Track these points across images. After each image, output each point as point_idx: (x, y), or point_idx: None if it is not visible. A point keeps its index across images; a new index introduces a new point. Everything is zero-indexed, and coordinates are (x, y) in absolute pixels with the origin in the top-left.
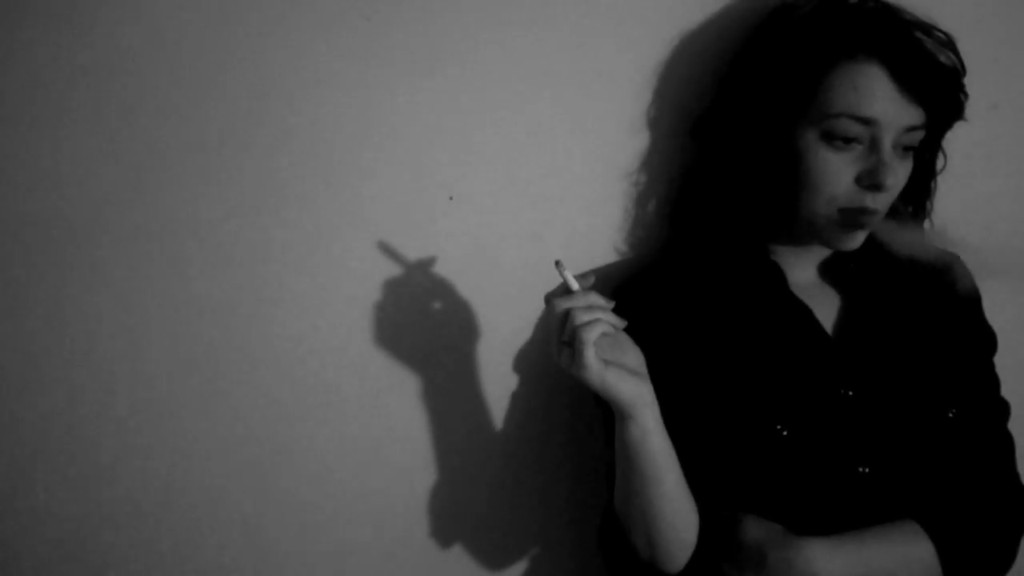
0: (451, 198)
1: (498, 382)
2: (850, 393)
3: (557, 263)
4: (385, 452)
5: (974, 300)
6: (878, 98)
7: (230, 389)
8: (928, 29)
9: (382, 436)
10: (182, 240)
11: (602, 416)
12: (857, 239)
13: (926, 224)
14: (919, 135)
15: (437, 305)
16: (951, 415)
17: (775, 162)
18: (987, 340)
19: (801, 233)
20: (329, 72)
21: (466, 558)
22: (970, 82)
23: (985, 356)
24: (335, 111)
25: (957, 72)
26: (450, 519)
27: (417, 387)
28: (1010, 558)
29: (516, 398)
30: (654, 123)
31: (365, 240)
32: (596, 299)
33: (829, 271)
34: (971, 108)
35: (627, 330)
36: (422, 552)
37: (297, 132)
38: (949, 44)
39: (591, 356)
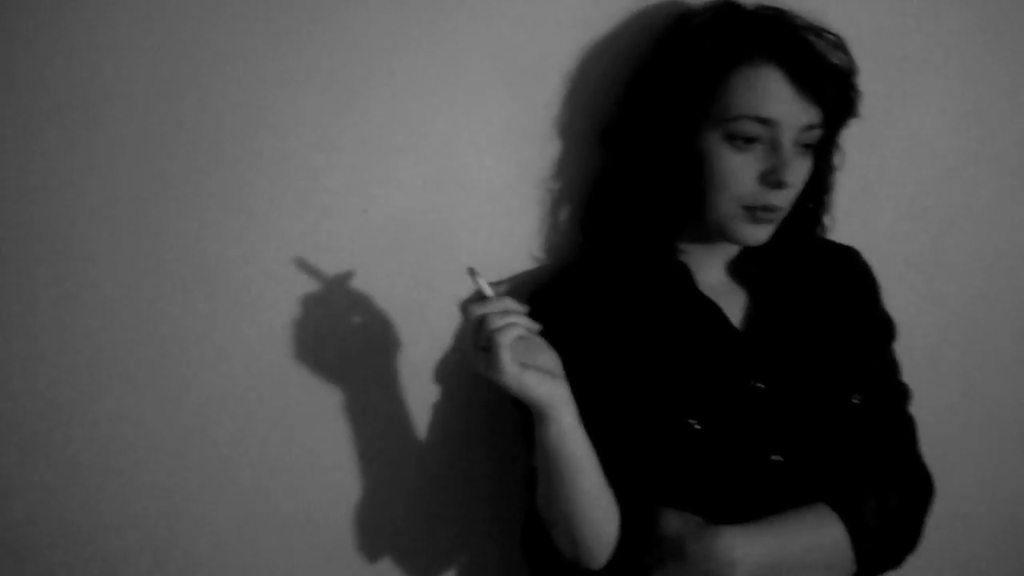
0: (365, 211)
1: (419, 393)
2: (760, 385)
3: (471, 270)
4: (308, 469)
5: (872, 290)
6: (776, 99)
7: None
8: (820, 32)
9: (305, 452)
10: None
11: (521, 421)
12: (764, 233)
13: (827, 218)
14: (817, 133)
15: (356, 320)
16: (855, 401)
17: (682, 164)
18: (886, 327)
19: (710, 232)
20: (241, 91)
21: (395, 570)
22: (862, 80)
23: (884, 343)
24: (247, 129)
25: (849, 71)
26: (377, 533)
27: (339, 402)
28: (916, 536)
29: (437, 408)
30: (565, 131)
31: (281, 257)
32: (510, 304)
33: (736, 270)
34: (865, 105)
35: (543, 334)
36: (350, 566)
37: (210, 150)
38: (840, 45)
39: (507, 359)
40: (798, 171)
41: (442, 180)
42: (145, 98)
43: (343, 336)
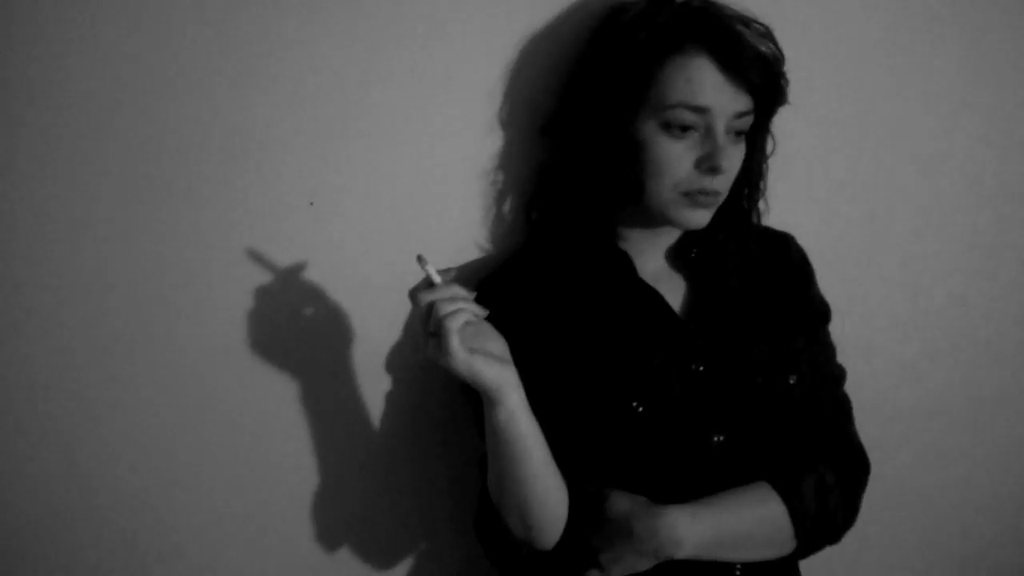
0: (312, 203)
1: (372, 383)
2: (700, 368)
3: (419, 258)
4: (262, 459)
5: (807, 275)
6: (708, 88)
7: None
8: (748, 22)
9: (258, 443)
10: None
11: (471, 407)
12: (703, 217)
13: (762, 204)
14: (748, 120)
15: (308, 311)
16: (792, 382)
17: (621, 153)
18: (820, 311)
19: (650, 218)
20: (188, 80)
21: (354, 559)
22: (790, 68)
23: (819, 326)
24: (195, 118)
25: (777, 60)
26: (334, 521)
27: (292, 393)
28: (854, 513)
29: (390, 397)
30: (507, 123)
31: (232, 249)
32: (458, 290)
33: (675, 257)
34: (794, 93)
35: (491, 320)
36: (308, 556)
37: (159, 139)
38: (768, 35)
39: (456, 344)
40: (732, 157)
41: (388, 172)
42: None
43: (295, 327)
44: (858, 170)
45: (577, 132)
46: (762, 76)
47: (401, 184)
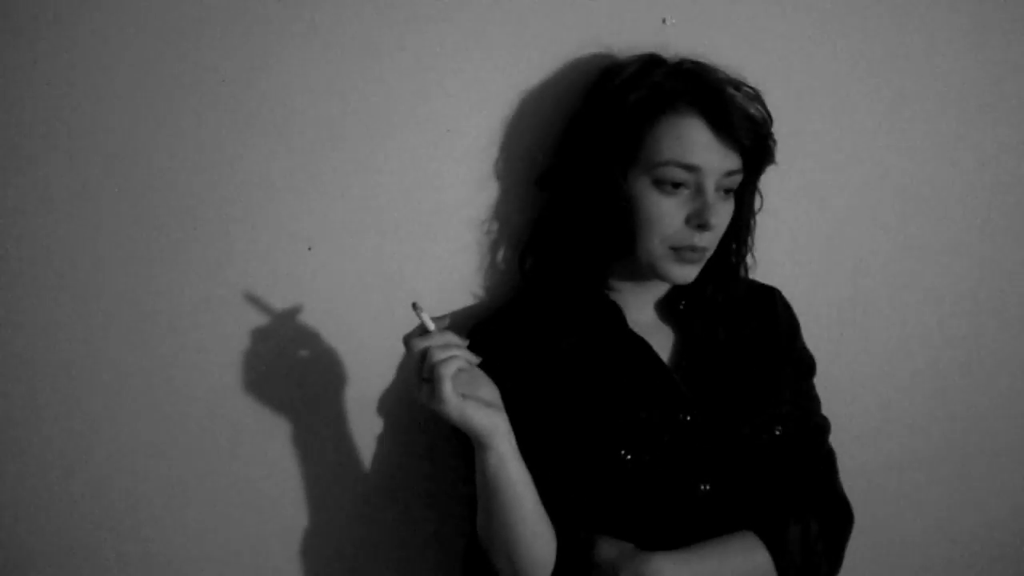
0: (310, 248)
1: (364, 425)
2: (688, 418)
3: (414, 305)
4: (253, 498)
5: (792, 328)
6: (699, 147)
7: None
8: (738, 85)
9: (248, 483)
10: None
11: (461, 450)
12: (690, 272)
13: (749, 258)
14: (738, 178)
15: (303, 353)
16: (777, 432)
17: (613, 208)
18: (806, 364)
19: (640, 271)
20: (187, 126)
21: None
22: (778, 130)
23: (804, 378)
24: (193, 166)
25: (765, 121)
26: (323, 562)
27: (286, 433)
28: (837, 562)
29: (381, 440)
30: (503, 175)
31: (230, 290)
32: (451, 338)
33: (664, 309)
34: (782, 152)
35: (483, 367)
36: None
37: (164, 184)
38: (757, 98)
39: (448, 390)
40: (721, 214)
41: (386, 219)
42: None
43: (291, 368)
44: (843, 226)
45: (571, 186)
46: (751, 137)
47: (398, 231)
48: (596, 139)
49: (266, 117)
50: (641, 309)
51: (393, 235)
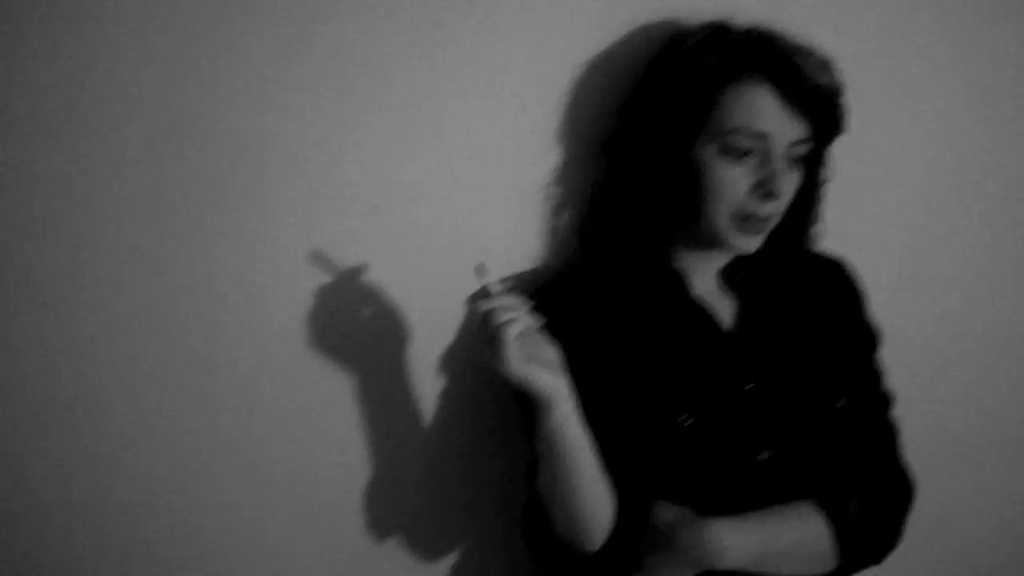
0: (375, 208)
1: (425, 382)
2: (749, 386)
3: (479, 267)
4: (320, 453)
5: (858, 300)
6: (768, 115)
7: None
8: (808, 53)
9: (316, 437)
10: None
11: (521, 411)
12: (755, 241)
13: (816, 229)
14: (806, 147)
15: (367, 311)
16: (840, 404)
17: (678, 176)
18: (871, 336)
19: (703, 239)
20: (260, 90)
21: (401, 551)
22: (850, 98)
23: (869, 350)
24: (262, 127)
25: (836, 90)
26: (382, 515)
27: (350, 391)
28: (896, 536)
29: (444, 397)
30: (567, 139)
31: (295, 250)
32: (515, 300)
33: (727, 277)
34: (853, 121)
35: (544, 330)
36: (357, 548)
37: (224, 147)
38: (828, 65)
39: (511, 352)
40: (788, 182)
41: (450, 182)
42: (156, 95)
43: (354, 328)
44: (913, 197)
45: (635, 152)
46: (821, 106)
47: (462, 194)
48: (662, 106)
49: (334, 78)
50: (704, 277)
51: (457, 197)
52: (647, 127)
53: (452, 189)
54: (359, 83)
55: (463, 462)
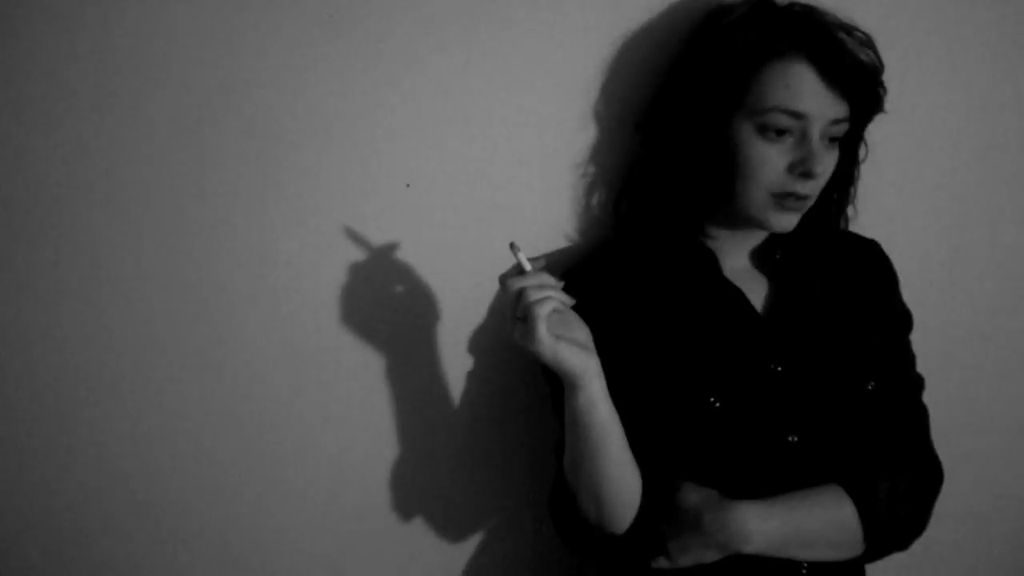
0: (408, 185)
1: (455, 360)
2: (779, 368)
3: (512, 245)
4: (349, 429)
5: (891, 282)
6: (807, 94)
7: (205, 374)
8: (850, 30)
9: (345, 414)
10: (165, 238)
11: (551, 391)
12: (791, 221)
13: (850, 209)
14: (844, 127)
15: (399, 288)
16: (870, 387)
17: (714, 153)
18: (903, 319)
19: (738, 218)
20: (290, 68)
21: (427, 530)
22: (888, 78)
23: (901, 334)
24: (296, 105)
25: (876, 69)
26: (411, 493)
27: (380, 367)
28: (924, 521)
29: (472, 377)
30: (601, 118)
31: (327, 227)
32: (547, 279)
33: (760, 257)
34: (891, 101)
35: (576, 309)
36: (386, 524)
37: (261, 125)
38: (868, 43)
39: (543, 330)
40: (826, 162)
41: (483, 159)
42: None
43: (386, 304)
44: (949, 180)
45: (671, 130)
46: (860, 85)
47: (495, 172)
48: (699, 83)
49: (368, 55)
50: (737, 257)
51: (490, 175)
52: (684, 104)
53: (485, 166)
54: (392, 60)
55: (493, 442)
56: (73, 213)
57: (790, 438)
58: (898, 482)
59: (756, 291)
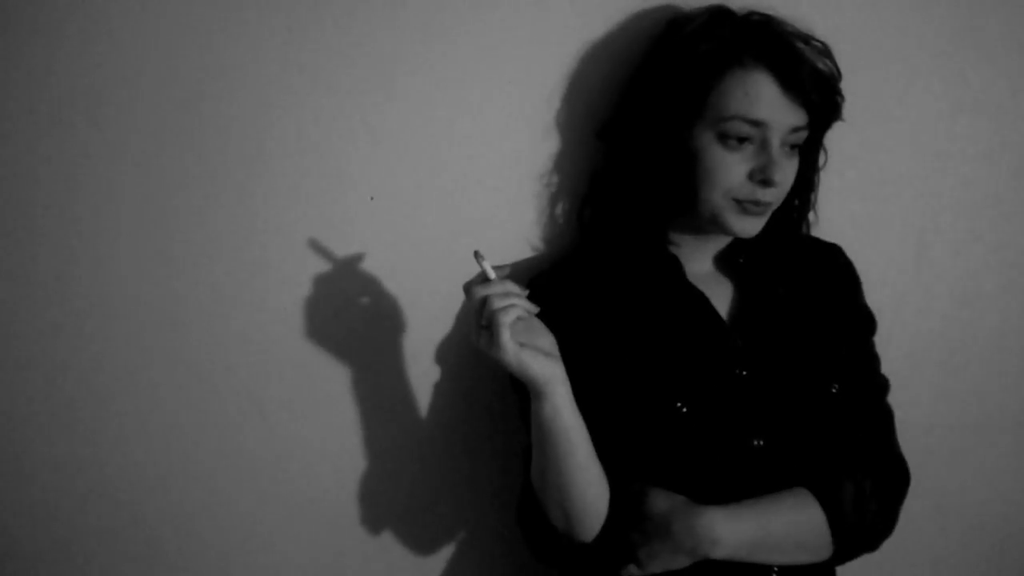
0: (372, 198)
1: (421, 373)
2: (744, 373)
3: (476, 253)
4: (313, 444)
5: (853, 285)
6: (766, 102)
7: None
8: (807, 39)
9: (313, 427)
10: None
11: (518, 400)
12: (755, 225)
13: (811, 215)
14: (803, 134)
15: (364, 300)
16: (834, 390)
17: (675, 161)
18: (866, 321)
19: (701, 224)
20: (253, 79)
21: (398, 543)
22: (846, 86)
23: (864, 336)
24: (260, 117)
25: (834, 77)
26: (379, 506)
27: (344, 380)
28: (892, 522)
29: (439, 389)
30: (564, 127)
31: (292, 239)
32: (511, 287)
33: (724, 262)
34: (848, 108)
35: (540, 317)
36: (352, 539)
37: (221, 135)
38: (826, 52)
39: (507, 338)
40: (786, 170)
41: (446, 170)
42: (153, 92)
43: (351, 316)
44: (907, 184)
45: (633, 138)
46: (819, 93)
47: (458, 183)
48: (660, 92)
49: (332, 70)
50: (700, 262)
51: (453, 186)
52: (645, 112)
53: (449, 178)
54: (355, 74)
55: (460, 452)
56: (56, 215)
57: (756, 442)
58: (864, 484)
59: (720, 296)
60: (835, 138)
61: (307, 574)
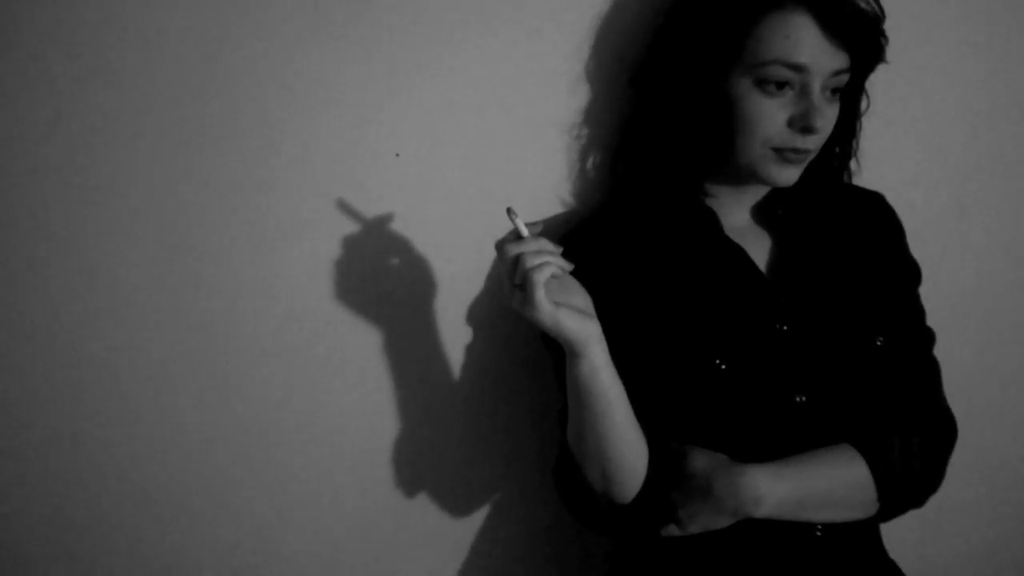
0: (397, 155)
1: (453, 334)
2: (784, 327)
3: (509, 210)
4: (346, 407)
5: (897, 235)
6: (807, 45)
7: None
8: None
9: (343, 391)
10: (157, 225)
11: (553, 360)
12: (793, 174)
13: (852, 163)
14: (845, 78)
15: (393, 261)
16: (879, 343)
17: (711, 109)
18: (910, 272)
19: (738, 174)
20: (277, 38)
21: (432, 506)
22: (890, 26)
23: (909, 287)
24: (285, 77)
25: (878, 18)
26: (414, 469)
27: (375, 342)
28: (938, 478)
29: (471, 350)
30: (593, 77)
31: (320, 199)
32: (545, 244)
33: (761, 214)
34: (892, 51)
35: (575, 274)
36: (388, 499)
37: (248, 95)
38: None
39: (542, 296)
40: (827, 116)
41: (474, 125)
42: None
43: (380, 277)
44: (953, 131)
45: (666, 86)
46: (862, 34)
47: (487, 137)
48: (695, 37)
49: (352, 24)
50: (738, 215)
51: (482, 141)
52: (678, 59)
53: (477, 132)
54: (380, 20)
55: (494, 413)
56: (59, 210)
57: (798, 398)
58: (911, 439)
59: (759, 249)
60: (878, 81)
61: (340, 539)
